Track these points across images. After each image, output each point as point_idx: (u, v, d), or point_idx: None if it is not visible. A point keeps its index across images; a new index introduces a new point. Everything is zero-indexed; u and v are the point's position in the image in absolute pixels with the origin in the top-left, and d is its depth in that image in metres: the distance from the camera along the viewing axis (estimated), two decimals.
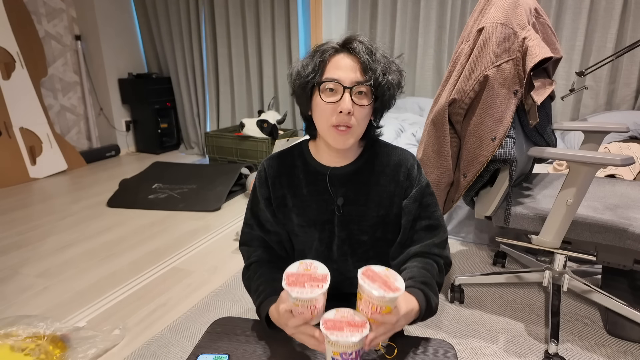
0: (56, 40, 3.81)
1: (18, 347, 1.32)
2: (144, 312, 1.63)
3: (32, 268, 1.98)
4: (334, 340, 0.63)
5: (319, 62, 0.78)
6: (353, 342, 0.63)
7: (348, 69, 0.76)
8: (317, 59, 0.78)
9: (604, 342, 1.41)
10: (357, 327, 0.66)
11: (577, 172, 1.16)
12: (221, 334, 0.80)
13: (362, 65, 0.76)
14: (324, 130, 0.80)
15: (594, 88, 2.57)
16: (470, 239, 2.17)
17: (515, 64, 1.19)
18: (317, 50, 0.80)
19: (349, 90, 0.76)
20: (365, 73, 0.76)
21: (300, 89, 0.81)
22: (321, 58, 0.78)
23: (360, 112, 0.78)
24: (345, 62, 0.77)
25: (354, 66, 0.76)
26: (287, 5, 3.43)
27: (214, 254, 2.11)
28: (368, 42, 0.79)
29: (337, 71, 0.76)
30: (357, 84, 0.76)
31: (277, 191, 0.89)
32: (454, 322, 1.54)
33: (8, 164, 3.28)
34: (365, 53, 0.76)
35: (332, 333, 0.64)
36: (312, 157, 0.88)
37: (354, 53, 0.77)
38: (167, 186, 3.07)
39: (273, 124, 3.33)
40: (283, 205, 0.89)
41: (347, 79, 0.76)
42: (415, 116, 2.91)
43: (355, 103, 0.77)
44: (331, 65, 0.77)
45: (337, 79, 0.76)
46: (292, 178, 0.88)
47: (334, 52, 0.78)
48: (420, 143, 1.38)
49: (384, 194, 0.87)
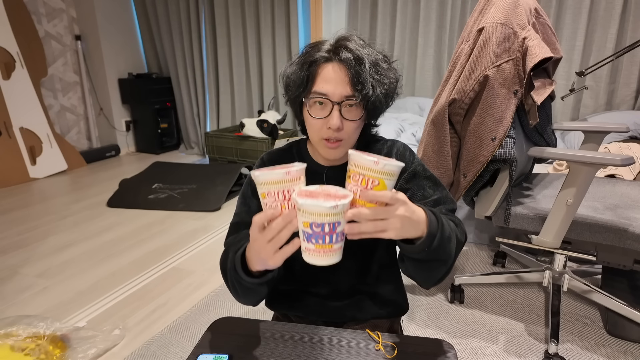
0: (56, 40, 3.81)
1: (18, 347, 1.32)
2: (144, 312, 1.63)
3: (32, 268, 1.98)
4: (301, 204, 0.53)
5: (307, 76, 0.73)
6: (325, 208, 0.52)
7: (337, 81, 0.72)
8: (305, 71, 0.73)
9: (604, 342, 1.41)
10: (335, 198, 0.55)
11: (577, 172, 1.16)
12: (221, 334, 0.80)
13: (351, 79, 0.71)
14: (315, 142, 0.78)
15: (594, 88, 2.57)
16: (470, 239, 2.17)
17: (516, 64, 1.19)
18: (306, 58, 0.75)
19: (338, 105, 0.72)
20: (355, 87, 0.71)
21: (290, 101, 0.79)
22: (309, 71, 0.73)
23: (350, 126, 0.75)
24: (334, 74, 0.72)
25: (343, 78, 0.72)
26: (287, 5, 3.43)
27: (214, 254, 2.11)
28: (358, 48, 0.73)
29: (326, 85, 0.72)
30: (346, 98, 0.72)
31: None
32: (454, 322, 1.53)
33: (8, 164, 3.28)
34: (355, 63, 0.71)
35: (302, 198, 0.54)
36: (309, 157, 0.87)
37: (342, 62, 0.72)
38: (167, 186, 3.07)
39: (273, 124, 3.33)
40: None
41: (336, 93, 0.72)
42: (415, 116, 2.91)
43: (345, 118, 0.73)
44: (320, 78, 0.73)
45: (325, 93, 0.72)
46: None
47: (323, 61, 0.73)
48: (420, 143, 1.38)
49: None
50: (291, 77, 0.76)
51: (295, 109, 0.81)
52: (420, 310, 1.60)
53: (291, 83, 0.76)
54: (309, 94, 0.74)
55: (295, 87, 0.75)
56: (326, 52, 0.74)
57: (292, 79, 0.76)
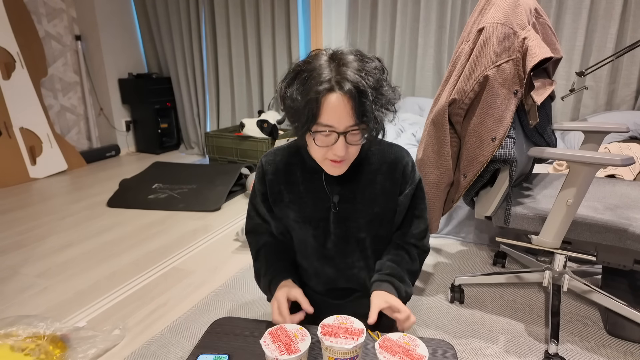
0: (56, 40, 3.81)
1: (18, 347, 1.32)
2: (144, 312, 1.63)
3: (32, 268, 1.98)
4: (328, 345, 0.66)
5: (311, 110, 0.73)
6: (346, 349, 0.66)
7: (341, 114, 0.73)
8: (312, 105, 0.73)
9: (604, 342, 1.41)
10: (353, 335, 0.68)
11: (577, 172, 1.16)
12: (221, 334, 0.80)
13: (355, 110, 0.73)
14: (319, 161, 0.82)
15: (594, 88, 2.57)
16: (470, 239, 2.17)
17: (516, 64, 1.19)
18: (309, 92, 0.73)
19: (343, 135, 0.75)
20: (359, 119, 0.74)
21: (293, 129, 0.80)
22: (315, 105, 0.73)
23: (353, 148, 0.79)
24: (337, 105, 0.73)
25: (348, 110, 0.73)
26: (287, 5, 3.43)
27: (214, 254, 2.11)
28: (358, 76, 0.73)
29: (330, 117, 0.73)
30: (350, 128, 0.75)
31: (274, 187, 0.91)
32: (454, 322, 1.54)
33: (8, 164, 3.28)
34: (357, 95, 0.72)
35: (327, 338, 0.67)
36: (309, 156, 0.88)
37: (346, 94, 0.73)
38: (167, 186, 3.07)
39: (273, 124, 3.34)
40: (280, 201, 0.92)
41: (341, 124, 0.74)
42: (415, 116, 2.91)
43: (349, 143, 0.76)
44: (324, 109, 0.73)
45: (331, 125, 0.74)
46: (289, 175, 0.90)
47: (326, 92, 0.72)
48: (420, 143, 1.38)
49: (380, 192, 0.88)
50: (293, 107, 0.76)
51: (299, 135, 0.81)
52: (420, 310, 1.60)
53: (295, 115, 0.76)
54: (315, 126, 0.75)
55: (301, 122, 0.76)
56: (327, 82, 0.73)
57: (295, 111, 0.76)
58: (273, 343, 0.69)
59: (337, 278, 0.94)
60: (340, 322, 0.72)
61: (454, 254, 2.05)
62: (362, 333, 0.69)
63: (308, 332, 0.72)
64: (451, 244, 2.15)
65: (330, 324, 0.72)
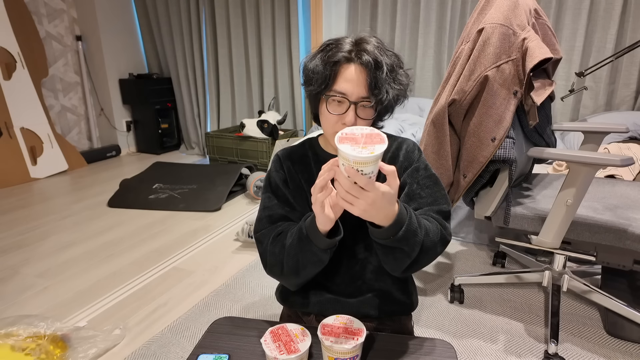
0: (57, 40, 3.82)
1: (19, 347, 1.32)
2: (144, 312, 1.63)
3: (32, 268, 1.99)
4: (328, 345, 0.68)
5: (329, 75, 0.79)
6: (346, 349, 0.67)
7: (356, 83, 0.78)
8: (328, 70, 0.79)
9: (603, 342, 1.41)
10: (353, 335, 0.70)
11: (576, 173, 1.16)
12: (221, 334, 0.80)
13: (369, 82, 0.78)
14: (329, 135, 0.84)
15: (594, 89, 2.57)
16: (470, 239, 2.17)
17: (515, 64, 1.19)
18: (329, 57, 0.79)
19: (354, 105, 0.78)
20: (371, 90, 0.78)
21: (309, 93, 0.84)
22: (331, 70, 0.78)
23: (362, 124, 0.81)
24: (354, 75, 0.78)
25: (362, 81, 0.78)
26: (288, 5, 3.44)
27: (215, 254, 2.11)
28: (377, 52, 0.78)
29: (346, 84, 0.78)
30: (362, 99, 0.78)
31: (292, 175, 0.92)
32: (454, 322, 1.54)
33: (9, 164, 3.28)
34: (374, 67, 0.77)
35: (327, 338, 0.68)
36: (321, 149, 0.92)
37: (362, 65, 0.78)
38: (167, 186, 3.07)
39: (273, 125, 3.34)
40: (299, 187, 0.92)
41: (354, 94, 0.78)
42: (415, 116, 2.91)
43: (359, 116, 0.80)
44: (341, 77, 0.78)
45: (344, 93, 0.78)
46: (305, 166, 0.92)
47: (345, 61, 0.78)
48: (420, 143, 1.39)
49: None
50: (313, 72, 0.81)
51: (312, 102, 0.86)
52: (420, 310, 1.60)
53: (313, 78, 0.81)
54: (330, 92, 0.80)
55: (317, 84, 0.80)
56: (347, 53, 0.78)
57: (314, 75, 0.81)
58: (273, 342, 0.69)
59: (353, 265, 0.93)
60: (340, 322, 0.73)
61: (454, 254, 2.05)
62: (362, 333, 0.70)
63: (309, 332, 0.73)
64: (451, 244, 2.15)
65: (330, 324, 0.72)
